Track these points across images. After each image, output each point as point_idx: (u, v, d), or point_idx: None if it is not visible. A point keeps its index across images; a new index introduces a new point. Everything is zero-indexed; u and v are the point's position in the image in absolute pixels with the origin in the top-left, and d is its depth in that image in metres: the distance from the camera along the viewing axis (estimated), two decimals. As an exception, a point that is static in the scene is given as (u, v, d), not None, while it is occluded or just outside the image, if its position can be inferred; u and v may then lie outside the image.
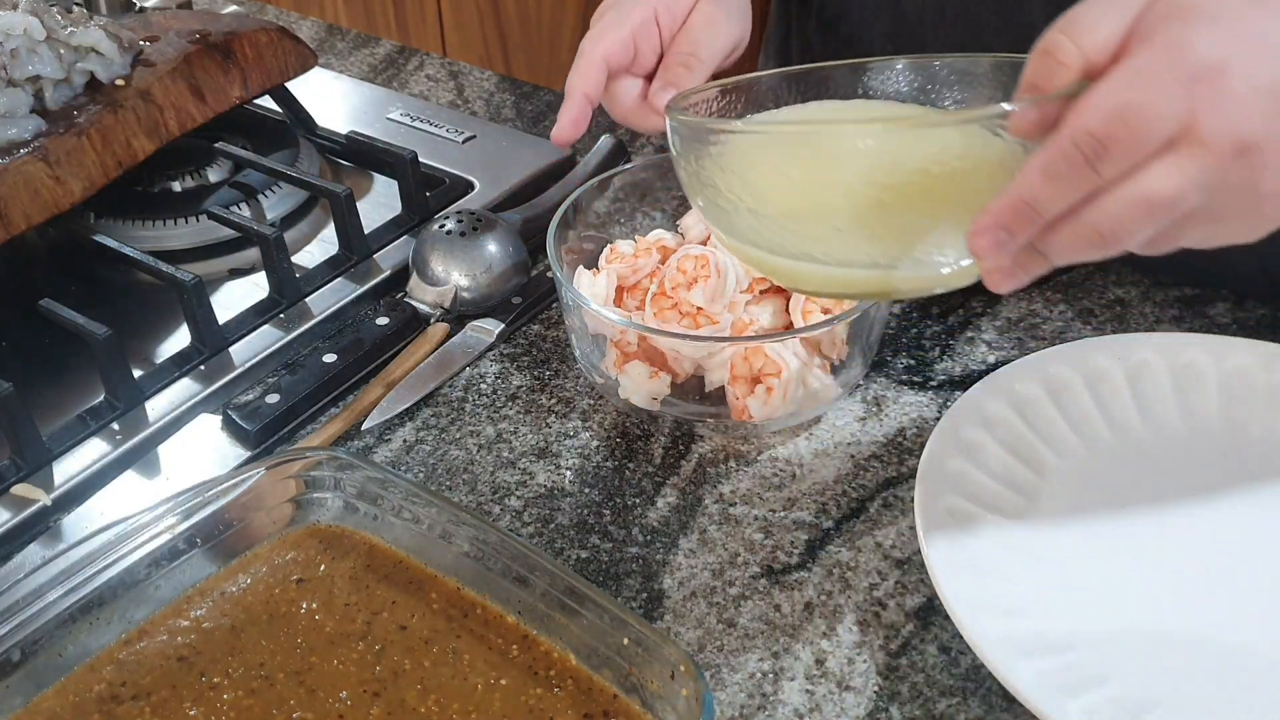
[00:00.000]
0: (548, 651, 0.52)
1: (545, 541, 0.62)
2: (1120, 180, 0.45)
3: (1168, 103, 0.44)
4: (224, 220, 0.79)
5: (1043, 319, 0.75)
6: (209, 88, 0.82)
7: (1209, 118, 0.44)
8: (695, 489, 0.65)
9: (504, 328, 0.75)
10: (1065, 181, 0.45)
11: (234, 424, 0.68)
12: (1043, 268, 0.48)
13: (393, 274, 0.79)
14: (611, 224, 0.76)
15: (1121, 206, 0.45)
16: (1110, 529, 0.60)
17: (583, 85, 0.64)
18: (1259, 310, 0.75)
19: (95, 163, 0.74)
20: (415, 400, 0.70)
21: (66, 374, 0.72)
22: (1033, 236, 0.47)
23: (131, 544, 0.54)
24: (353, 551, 0.57)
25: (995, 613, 0.54)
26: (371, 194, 0.90)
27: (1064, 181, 0.45)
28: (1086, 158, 0.44)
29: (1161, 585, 0.57)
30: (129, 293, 0.79)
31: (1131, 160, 0.44)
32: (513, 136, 0.94)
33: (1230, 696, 0.52)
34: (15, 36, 0.73)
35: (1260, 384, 0.66)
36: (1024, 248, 0.47)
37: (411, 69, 1.07)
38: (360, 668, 0.52)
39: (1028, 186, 0.46)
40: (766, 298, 0.68)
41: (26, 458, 0.64)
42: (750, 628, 0.57)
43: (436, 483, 0.66)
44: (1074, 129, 0.44)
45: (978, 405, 0.65)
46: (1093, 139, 0.44)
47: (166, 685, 0.51)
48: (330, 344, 0.73)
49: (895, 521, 0.63)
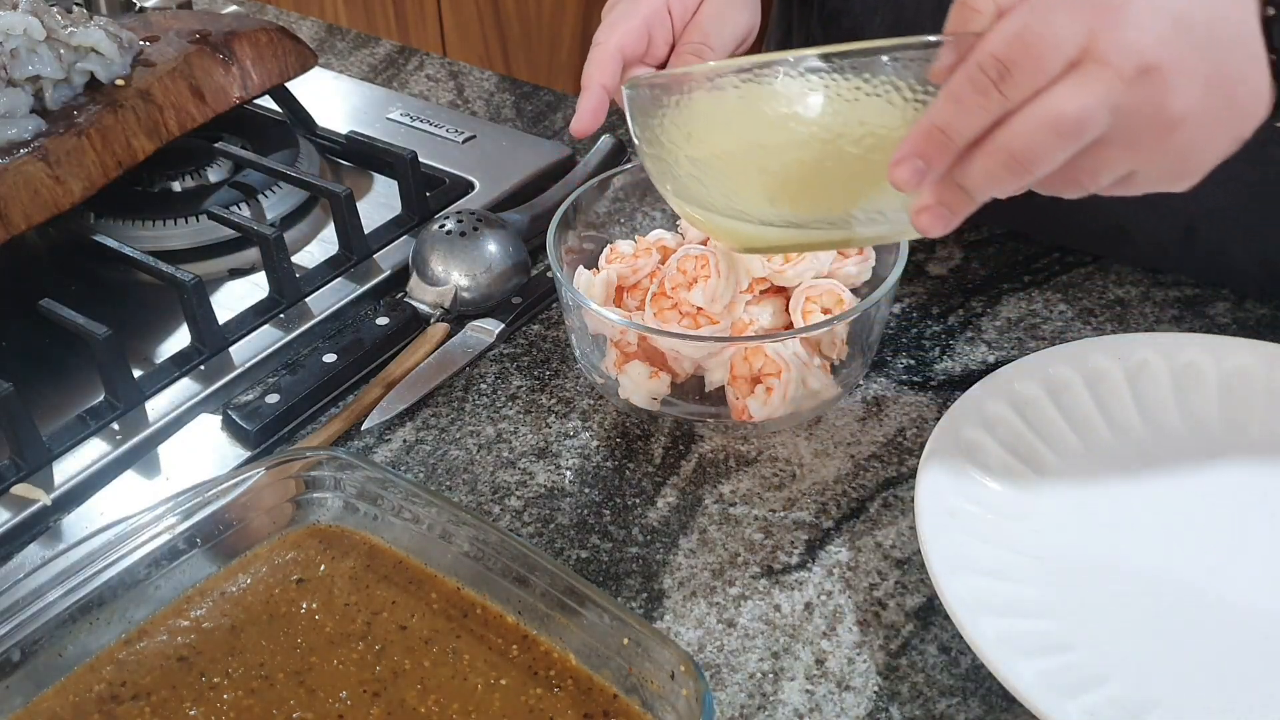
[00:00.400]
0: (548, 651, 0.52)
1: (545, 541, 0.62)
2: (1027, 103, 0.46)
3: (1068, 25, 0.46)
4: (224, 220, 0.79)
5: (1043, 319, 0.75)
6: (209, 88, 0.82)
7: (1109, 38, 0.46)
8: (695, 489, 0.65)
9: (504, 328, 0.75)
10: (972, 104, 0.46)
11: (234, 424, 0.68)
12: (967, 204, 0.49)
13: (393, 274, 0.79)
14: (611, 224, 0.76)
15: (1029, 126, 0.46)
16: (1110, 529, 0.60)
17: (600, 76, 0.64)
18: (1259, 310, 0.75)
19: (95, 163, 0.74)
20: (415, 400, 0.70)
21: (66, 374, 0.72)
22: (949, 164, 0.48)
23: (131, 544, 0.54)
24: (353, 551, 0.57)
25: (995, 613, 0.54)
26: (371, 194, 0.90)
27: (971, 104, 0.47)
28: (991, 80, 0.46)
29: (1162, 585, 0.57)
30: (129, 293, 0.79)
31: (1035, 82, 0.46)
32: (513, 136, 0.94)
33: (1230, 696, 0.52)
34: (15, 36, 0.73)
35: (1260, 384, 0.66)
36: (946, 183, 0.49)
37: (411, 69, 1.07)
38: (360, 668, 0.52)
39: (938, 112, 0.47)
40: (766, 298, 0.68)
41: (26, 458, 0.64)
42: (750, 628, 0.57)
43: (436, 483, 0.66)
44: (979, 54, 0.46)
45: (978, 405, 0.65)
46: (996, 61, 0.46)
47: (166, 685, 0.51)
48: (330, 344, 0.73)
49: (895, 521, 0.63)
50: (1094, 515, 0.61)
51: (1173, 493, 0.62)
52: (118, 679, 0.52)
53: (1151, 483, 0.63)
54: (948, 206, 0.49)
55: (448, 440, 0.68)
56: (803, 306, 0.67)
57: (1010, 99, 0.46)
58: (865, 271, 0.70)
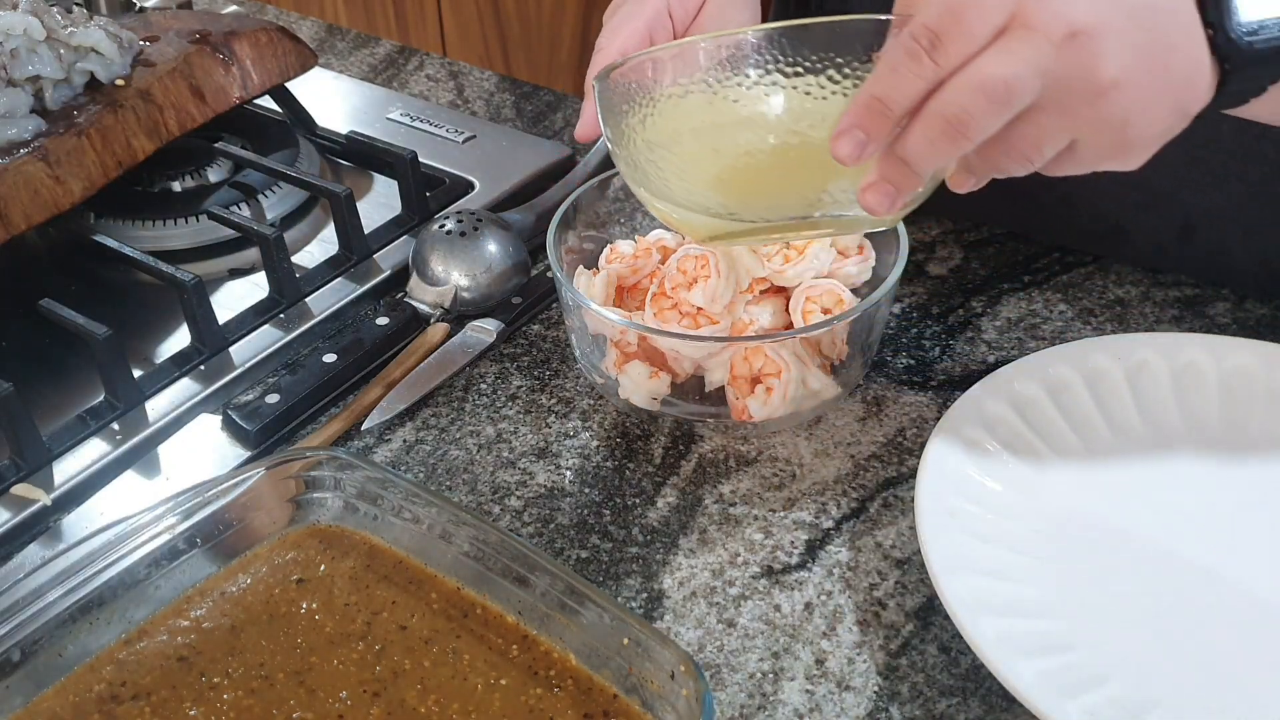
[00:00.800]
0: (548, 651, 0.52)
1: (545, 541, 0.62)
2: (959, 70, 0.47)
3: None
4: (224, 220, 0.79)
5: (1043, 319, 0.75)
6: (209, 88, 0.82)
7: (1036, 3, 0.46)
8: (695, 489, 0.65)
9: (504, 328, 0.75)
10: (906, 71, 0.48)
11: (234, 424, 0.68)
12: (910, 179, 0.50)
13: (393, 274, 0.79)
14: (611, 224, 0.76)
15: (962, 92, 0.47)
16: (1110, 528, 0.60)
17: None
18: (1259, 310, 0.75)
19: (95, 163, 0.74)
20: (415, 400, 0.70)
21: (66, 374, 0.72)
22: (889, 136, 0.49)
23: (131, 544, 0.54)
24: (353, 551, 0.57)
25: (995, 613, 0.54)
26: (371, 194, 0.90)
27: (905, 72, 0.48)
28: (923, 48, 0.47)
29: (1161, 585, 0.57)
30: (129, 293, 0.79)
31: (966, 49, 0.47)
32: (513, 136, 0.94)
33: (1230, 696, 0.52)
34: (15, 36, 0.73)
35: (1260, 384, 0.66)
36: (888, 157, 0.49)
37: (411, 69, 1.07)
38: (360, 668, 0.52)
39: (875, 82, 0.49)
40: (766, 298, 0.68)
41: (26, 458, 0.64)
42: (750, 628, 0.57)
43: (436, 483, 0.66)
44: (911, 25, 0.47)
45: (978, 405, 0.65)
46: (927, 30, 0.47)
47: (166, 685, 0.51)
48: (330, 344, 0.73)
49: (895, 521, 0.63)
50: (1094, 515, 0.61)
51: (1173, 493, 0.62)
52: (118, 679, 0.52)
53: (1151, 482, 0.63)
54: (892, 182, 0.50)
55: (448, 440, 0.68)
56: (803, 306, 0.67)
57: (942, 66, 0.47)
58: (865, 271, 0.70)
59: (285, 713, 0.50)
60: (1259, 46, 0.49)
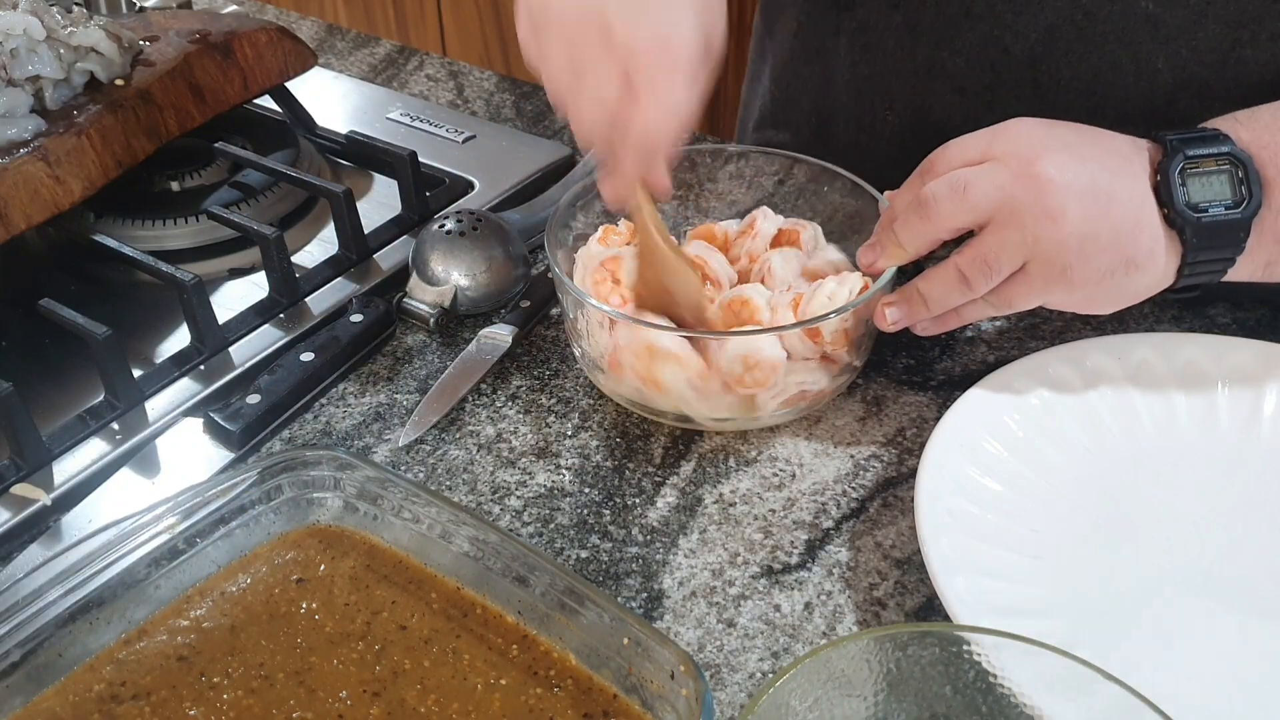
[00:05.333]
0: (548, 651, 0.52)
1: (545, 541, 0.62)
2: None
3: None
4: (224, 220, 0.79)
5: (1043, 319, 0.75)
6: (209, 88, 0.82)
7: None
8: (695, 489, 0.65)
9: (518, 331, 0.74)
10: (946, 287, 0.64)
11: (216, 425, 0.67)
12: None
13: (393, 274, 0.79)
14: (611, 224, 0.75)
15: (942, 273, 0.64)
16: (1110, 528, 0.60)
17: None
18: (1259, 310, 0.75)
19: (95, 163, 0.74)
20: (444, 414, 0.69)
21: (66, 374, 0.72)
22: None
23: (131, 544, 0.54)
24: (353, 551, 0.57)
25: (995, 613, 0.54)
26: (371, 194, 0.90)
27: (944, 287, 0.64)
28: None
29: (1162, 585, 0.57)
30: (129, 293, 0.79)
31: None
32: (513, 136, 0.94)
33: (1230, 696, 0.52)
34: (15, 36, 0.73)
35: (1260, 384, 0.66)
36: None
37: (411, 69, 1.07)
38: (360, 668, 0.52)
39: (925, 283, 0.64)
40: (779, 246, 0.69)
41: (26, 458, 0.64)
42: (750, 628, 0.57)
43: (436, 483, 0.66)
44: None
45: (978, 405, 0.65)
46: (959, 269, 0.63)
47: (166, 685, 0.51)
48: (307, 343, 0.72)
49: (895, 521, 0.63)
50: (1094, 515, 0.61)
51: (1173, 492, 0.62)
52: (118, 679, 0.52)
53: (1151, 482, 0.63)
54: None
55: (448, 440, 0.68)
56: (803, 306, 0.66)
57: None
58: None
59: (285, 712, 0.50)
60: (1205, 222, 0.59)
